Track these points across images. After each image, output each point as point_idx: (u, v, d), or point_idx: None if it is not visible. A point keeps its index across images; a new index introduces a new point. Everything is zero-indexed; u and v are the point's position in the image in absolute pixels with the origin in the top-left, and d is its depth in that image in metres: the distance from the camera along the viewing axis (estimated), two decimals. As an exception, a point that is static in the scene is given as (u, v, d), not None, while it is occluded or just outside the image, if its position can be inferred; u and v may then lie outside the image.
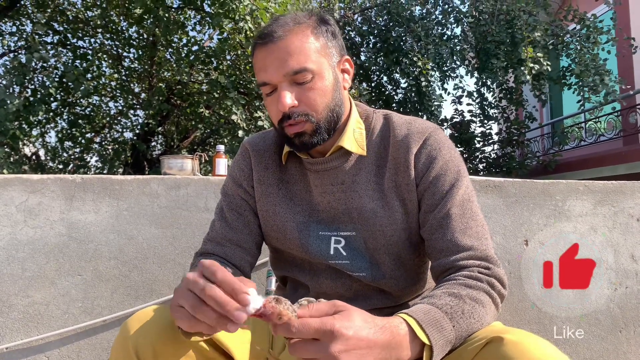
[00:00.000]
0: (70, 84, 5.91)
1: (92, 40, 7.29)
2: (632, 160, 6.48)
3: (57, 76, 6.06)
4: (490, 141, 8.18)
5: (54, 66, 6.44)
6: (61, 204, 1.48)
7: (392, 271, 0.91)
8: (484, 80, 7.12)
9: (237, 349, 0.79)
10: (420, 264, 0.96)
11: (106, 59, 7.52)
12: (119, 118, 8.18)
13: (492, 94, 7.56)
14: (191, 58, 6.55)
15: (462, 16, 7.00)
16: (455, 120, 7.89)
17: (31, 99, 5.62)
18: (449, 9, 7.08)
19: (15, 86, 5.36)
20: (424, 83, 6.43)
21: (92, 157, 8.18)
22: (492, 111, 7.86)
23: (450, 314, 0.69)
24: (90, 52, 6.99)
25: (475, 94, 7.38)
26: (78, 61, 6.70)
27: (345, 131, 0.91)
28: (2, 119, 4.63)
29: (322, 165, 0.92)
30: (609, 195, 1.63)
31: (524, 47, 6.04)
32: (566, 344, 1.57)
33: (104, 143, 8.46)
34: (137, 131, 7.81)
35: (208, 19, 6.19)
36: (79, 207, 1.49)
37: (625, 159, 6.63)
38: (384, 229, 0.89)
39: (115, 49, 7.36)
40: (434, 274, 0.86)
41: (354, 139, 0.91)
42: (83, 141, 7.73)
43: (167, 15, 5.96)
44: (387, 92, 7.90)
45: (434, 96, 6.70)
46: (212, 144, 8.32)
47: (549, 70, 6.21)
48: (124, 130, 8.37)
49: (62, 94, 6.50)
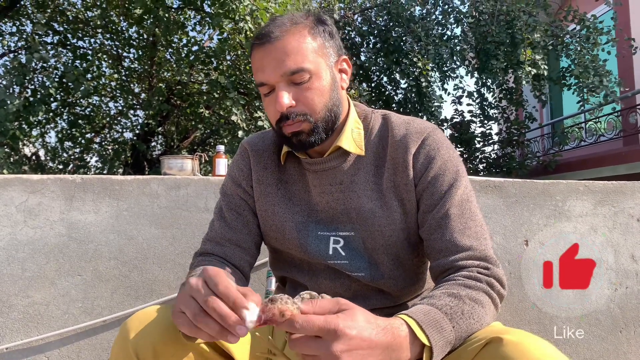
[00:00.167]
0: (70, 84, 5.91)
1: (92, 40, 7.30)
2: (632, 160, 6.48)
3: (57, 76, 6.06)
4: (491, 141, 8.18)
5: (54, 66, 6.44)
6: (61, 204, 1.48)
7: (391, 271, 0.91)
8: (484, 81, 7.12)
9: (237, 350, 0.79)
10: (419, 264, 0.95)
11: (106, 59, 7.53)
12: (119, 118, 8.18)
13: (492, 94, 7.56)
14: (191, 58, 6.55)
15: (462, 16, 7.00)
16: (455, 120, 7.89)
17: (31, 99, 5.62)
18: (449, 10, 7.09)
19: (15, 86, 5.36)
20: (424, 83, 6.42)
21: (92, 158, 8.19)
22: (492, 111, 7.86)
23: (450, 315, 0.69)
24: (90, 52, 7.00)
25: (475, 94, 7.38)
26: (78, 61, 6.71)
27: (343, 131, 0.91)
28: (2, 119, 4.63)
29: (321, 165, 0.92)
30: (609, 195, 1.63)
31: (522, 49, 6.04)
32: (566, 344, 1.57)
33: (104, 143, 8.46)
34: (137, 131, 7.82)
35: (208, 19, 6.20)
36: (79, 207, 1.49)
37: (625, 159, 6.63)
38: (382, 229, 0.89)
39: (115, 49, 7.36)
40: (433, 274, 0.86)
41: (352, 139, 0.91)
42: (83, 141, 7.74)
43: (167, 15, 5.97)
44: (387, 93, 7.89)
45: (434, 97, 6.70)
46: (212, 144, 8.33)
47: (545, 74, 6.22)
48: (124, 130, 8.38)
49: (62, 94, 6.51)
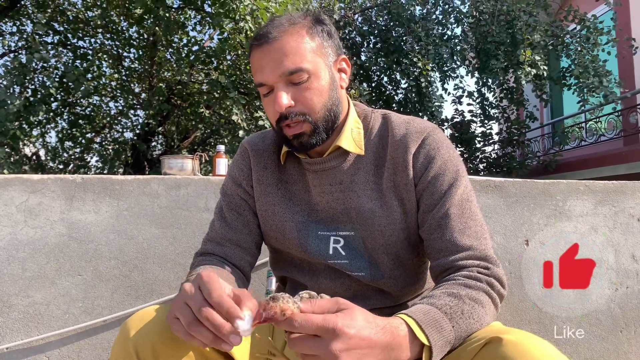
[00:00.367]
0: (70, 84, 5.92)
1: (93, 40, 7.30)
2: (633, 160, 6.47)
3: (57, 76, 6.06)
4: (491, 141, 8.17)
5: (55, 66, 6.44)
6: (61, 204, 1.48)
7: (391, 271, 0.91)
8: (485, 81, 7.11)
9: (237, 350, 0.79)
10: (420, 264, 0.95)
11: (106, 59, 7.53)
12: (119, 118, 8.19)
13: (492, 94, 7.56)
14: (191, 58, 6.56)
15: (462, 16, 7.00)
16: (455, 120, 7.89)
17: (31, 99, 5.62)
18: (450, 9, 7.08)
19: (15, 86, 5.36)
20: (424, 83, 6.42)
21: (92, 157, 8.20)
22: (493, 111, 7.85)
23: (450, 314, 0.69)
24: (90, 52, 7.01)
25: (476, 93, 7.38)
26: (78, 61, 6.72)
27: (343, 131, 0.91)
28: (3, 119, 4.63)
29: (320, 165, 0.92)
30: (610, 195, 1.63)
31: (522, 50, 6.04)
32: (567, 344, 1.57)
33: (104, 143, 8.47)
34: (138, 131, 7.82)
35: (208, 19, 6.20)
36: (79, 207, 1.49)
37: (625, 159, 6.62)
38: (382, 228, 0.88)
39: (115, 49, 7.37)
40: (433, 274, 0.86)
41: (351, 139, 0.91)
42: (83, 141, 7.75)
43: (167, 15, 5.97)
44: (387, 93, 7.89)
45: (434, 96, 6.70)
46: (212, 144, 8.33)
47: (544, 74, 6.21)
48: (124, 130, 8.38)
49: (62, 94, 6.51)
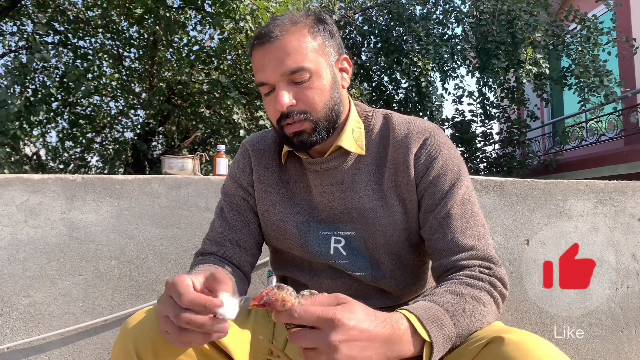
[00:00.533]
0: (71, 83, 5.92)
1: (93, 40, 7.31)
2: (633, 160, 6.47)
3: (57, 76, 6.07)
4: (491, 141, 8.17)
5: (55, 66, 6.45)
6: (62, 203, 1.49)
7: (392, 271, 0.91)
8: (485, 80, 7.11)
9: (236, 348, 0.79)
10: (421, 264, 0.95)
11: (107, 58, 7.54)
12: (120, 118, 8.19)
13: (493, 93, 7.55)
14: (192, 58, 6.56)
15: (462, 16, 6.99)
16: (456, 120, 7.89)
17: (32, 99, 5.63)
18: (450, 9, 7.08)
19: (16, 86, 5.37)
20: (424, 83, 6.42)
21: (92, 157, 8.21)
22: (494, 111, 7.85)
23: (452, 312, 0.69)
24: (91, 52, 7.01)
25: (477, 93, 7.38)
26: (79, 61, 6.72)
27: (344, 131, 0.91)
28: (3, 119, 4.64)
29: (321, 165, 0.92)
30: (610, 194, 1.63)
31: (523, 49, 6.04)
32: (567, 344, 1.57)
33: (104, 143, 8.47)
34: (138, 131, 7.83)
35: (209, 18, 6.20)
36: (80, 207, 1.49)
37: (626, 159, 6.62)
38: (383, 228, 0.88)
39: (116, 48, 7.37)
40: (435, 274, 0.86)
41: (352, 139, 0.91)
42: (84, 141, 7.75)
43: (167, 15, 5.97)
44: (387, 92, 7.89)
45: (435, 96, 6.69)
46: (212, 143, 8.33)
47: (546, 72, 6.20)
48: (125, 130, 8.39)
49: (62, 94, 6.51)
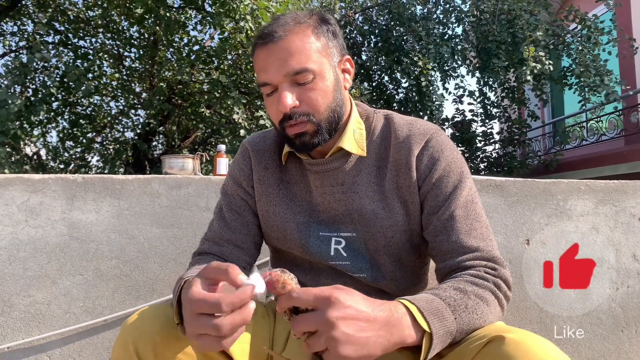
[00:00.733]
0: (71, 83, 5.92)
1: (93, 40, 7.31)
2: (634, 159, 6.46)
3: (58, 76, 6.07)
4: (492, 140, 8.17)
5: (55, 66, 6.45)
6: (62, 203, 1.49)
7: (392, 272, 0.91)
8: (486, 80, 7.11)
9: (237, 348, 0.79)
10: (421, 265, 0.95)
11: (107, 58, 7.54)
12: (120, 118, 8.20)
13: (494, 93, 7.55)
14: (192, 58, 6.57)
15: (463, 16, 6.99)
16: (456, 119, 7.88)
17: (32, 98, 5.63)
18: (450, 9, 7.08)
19: (16, 86, 5.37)
20: (425, 83, 6.42)
21: (93, 157, 8.22)
22: (495, 110, 7.85)
23: (454, 307, 0.69)
24: (91, 51, 7.02)
25: (477, 92, 7.37)
26: (79, 61, 6.73)
27: (345, 132, 0.90)
28: (4, 118, 4.64)
29: (322, 166, 0.91)
30: (611, 194, 1.63)
31: (525, 47, 6.03)
32: (567, 344, 1.57)
33: (105, 143, 8.48)
34: (138, 131, 7.83)
35: (209, 18, 6.20)
36: (80, 207, 1.49)
37: (626, 159, 6.61)
38: (384, 230, 0.88)
39: (116, 48, 7.37)
40: (440, 275, 0.85)
41: (354, 140, 0.91)
42: (84, 141, 7.76)
43: (168, 14, 5.98)
44: (388, 92, 7.89)
45: (435, 96, 6.69)
46: (213, 143, 8.34)
47: (550, 69, 6.18)
48: (125, 130, 8.39)
49: (63, 93, 6.52)
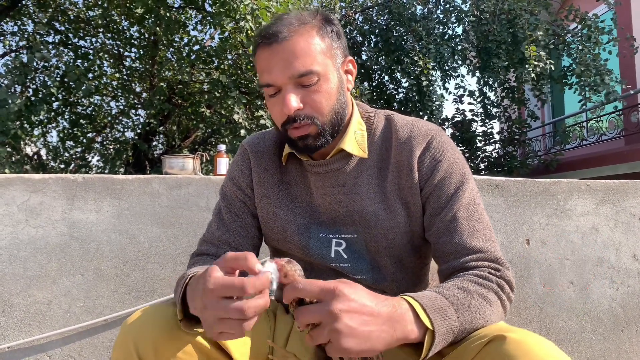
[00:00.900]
0: (71, 83, 5.92)
1: (94, 39, 7.31)
2: (634, 159, 6.46)
3: (58, 76, 6.07)
4: (492, 140, 8.17)
5: (56, 66, 6.45)
6: (63, 203, 1.49)
7: (393, 274, 0.91)
8: (486, 80, 7.11)
9: (236, 347, 0.79)
10: (422, 266, 0.95)
11: (107, 58, 7.54)
12: (120, 118, 8.20)
13: (494, 92, 7.55)
14: (192, 57, 6.57)
15: (463, 15, 6.98)
16: (456, 119, 7.88)
17: (33, 98, 5.62)
18: (451, 8, 7.08)
19: (16, 86, 5.37)
20: (425, 82, 6.41)
21: (93, 157, 8.22)
22: (495, 110, 7.85)
23: (457, 305, 0.69)
24: (91, 51, 7.02)
25: (477, 92, 7.37)
26: (79, 61, 6.72)
27: (346, 133, 0.90)
28: (4, 118, 4.64)
29: (323, 167, 0.91)
30: (611, 194, 1.63)
31: (526, 46, 6.03)
32: (567, 343, 1.57)
33: (105, 143, 8.48)
34: (139, 131, 7.83)
35: (209, 18, 6.20)
36: (81, 207, 1.49)
37: (626, 158, 6.61)
38: (385, 232, 0.88)
39: (116, 48, 7.37)
40: (443, 276, 0.85)
41: (355, 141, 0.90)
42: (84, 141, 7.76)
43: (168, 14, 5.98)
44: (388, 92, 7.89)
45: (435, 96, 6.69)
46: (213, 143, 8.34)
47: (552, 68, 6.18)
48: (125, 129, 8.39)
49: (63, 93, 6.52)
